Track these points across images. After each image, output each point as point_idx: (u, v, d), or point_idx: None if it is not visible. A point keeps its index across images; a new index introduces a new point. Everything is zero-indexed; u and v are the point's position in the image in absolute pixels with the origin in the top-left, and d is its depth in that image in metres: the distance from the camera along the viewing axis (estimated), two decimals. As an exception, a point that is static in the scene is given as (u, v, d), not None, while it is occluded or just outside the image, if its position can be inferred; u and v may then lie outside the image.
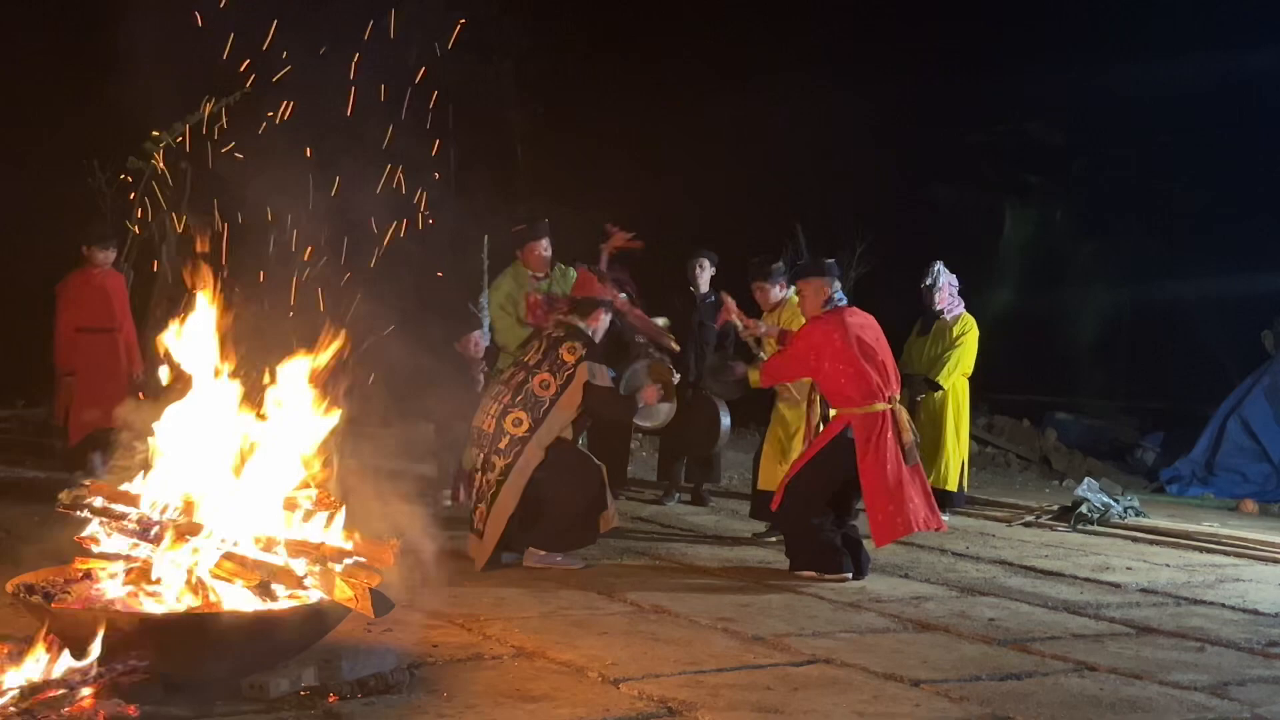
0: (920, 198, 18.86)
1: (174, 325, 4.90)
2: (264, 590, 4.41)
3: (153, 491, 4.64)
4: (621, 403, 7.49)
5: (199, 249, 7.74)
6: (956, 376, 9.75)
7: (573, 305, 7.39)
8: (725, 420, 9.75)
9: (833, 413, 7.25)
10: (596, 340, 7.27)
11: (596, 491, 7.09)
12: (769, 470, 8.18)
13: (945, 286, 9.81)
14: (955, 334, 9.75)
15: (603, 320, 7.34)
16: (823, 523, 7.01)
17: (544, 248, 9.19)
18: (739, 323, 8.20)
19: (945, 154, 18.86)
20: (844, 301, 7.29)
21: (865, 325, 7.17)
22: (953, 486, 9.76)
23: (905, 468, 6.94)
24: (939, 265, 9.88)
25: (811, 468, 7.07)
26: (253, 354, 4.99)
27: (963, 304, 9.87)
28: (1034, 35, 19.54)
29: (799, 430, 8.03)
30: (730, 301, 8.43)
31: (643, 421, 8.25)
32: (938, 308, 9.79)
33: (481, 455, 7.03)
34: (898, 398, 7.11)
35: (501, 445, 6.92)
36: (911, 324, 10.13)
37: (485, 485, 6.99)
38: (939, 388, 9.69)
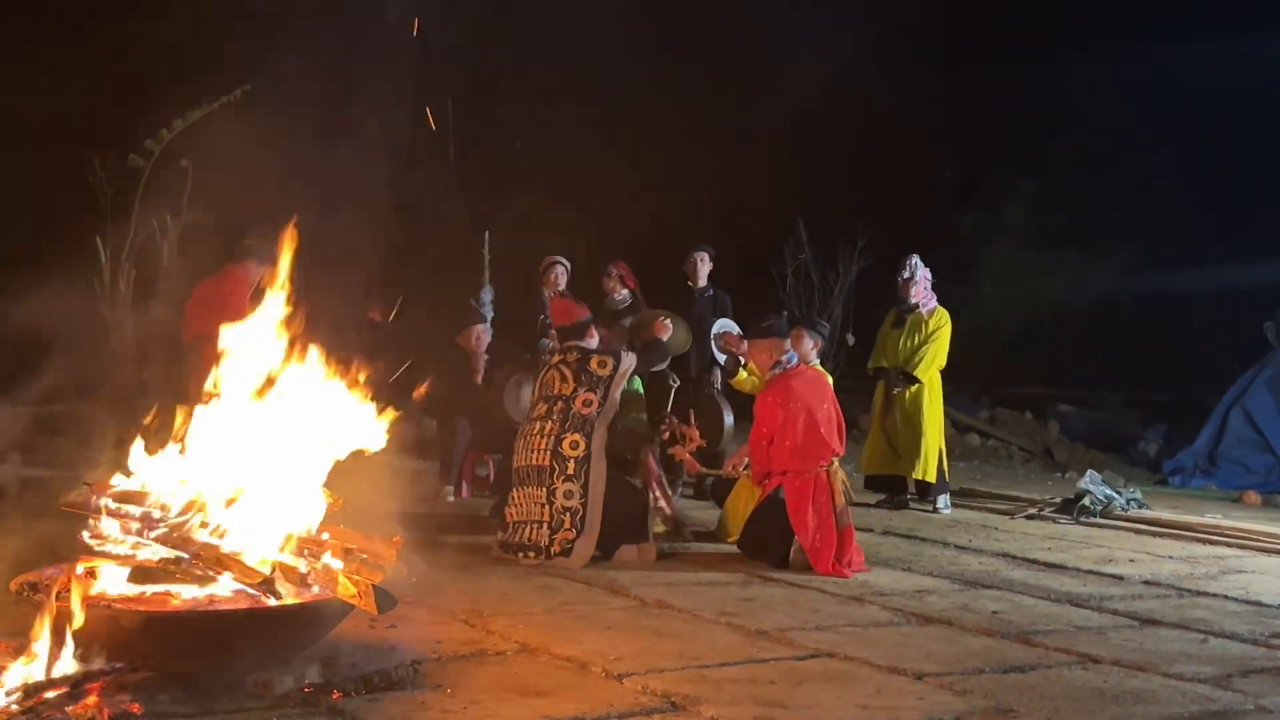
0: (921, 192, 18.86)
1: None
2: (267, 587, 4.41)
3: (156, 489, 4.64)
4: (654, 356, 7.95)
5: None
6: (933, 370, 9.80)
7: (565, 334, 7.60)
8: (728, 419, 9.78)
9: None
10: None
11: (638, 515, 7.25)
12: (735, 518, 7.91)
13: (922, 280, 9.90)
14: (931, 327, 9.82)
15: (595, 335, 7.68)
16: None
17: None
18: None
19: (946, 148, 18.85)
20: (795, 361, 7.46)
21: (811, 384, 7.33)
22: (931, 477, 9.80)
23: (839, 528, 7.06)
24: (915, 258, 9.97)
25: (752, 527, 7.39)
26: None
27: (935, 297, 9.93)
28: (1034, 30, 19.54)
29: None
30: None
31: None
32: (913, 300, 9.86)
33: (544, 489, 7.04)
34: (833, 463, 7.20)
35: (570, 470, 7.03)
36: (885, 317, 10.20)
37: (557, 512, 6.99)
38: (916, 381, 9.74)
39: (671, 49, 17.55)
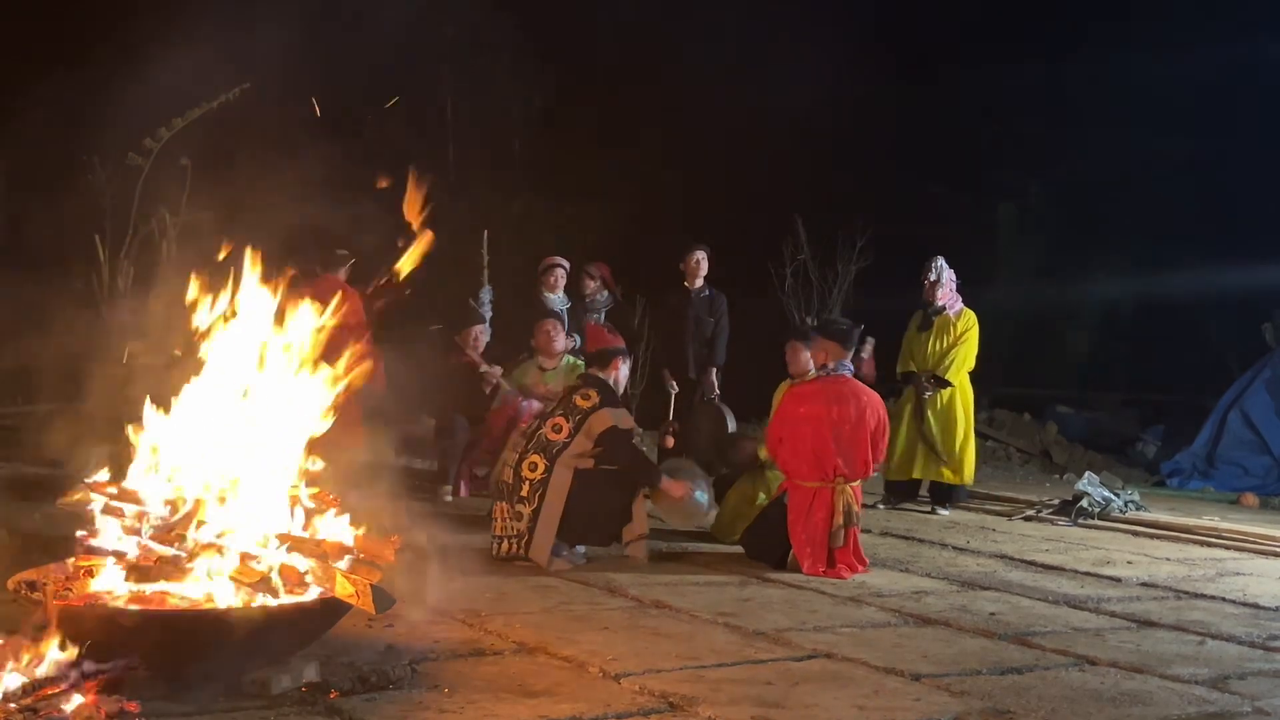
0: (920, 192, 18.85)
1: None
2: (265, 586, 4.41)
3: (154, 488, 4.64)
4: (643, 463, 7.47)
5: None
6: (963, 373, 9.76)
7: (590, 360, 7.55)
8: (731, 425, 9.78)
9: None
10: (619, 390, 7.44)
11: (621, 500, 7.17)
12: (729, 517, 7.95)
13: (947, 282, 9.82)
14: (960, 329, 9.74)
15: (621, 368, 7.48)
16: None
17: (554, 329, 9.35)
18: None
19: (945, 148, 18.84)
20: (844, 371, 7.34)
21: (849, 400, 7.19)
22: (965, 480, 9.77)
23: (830, 547, 7.04)
24: (941, 260, 9.86)
25: (757, 528, 7.41)
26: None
27: (961, 299, 9.87)
28: (1034, 29, 19.54)
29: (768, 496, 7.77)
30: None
31: (673, 518, 8.22)
32: (940, 303, 9.77)
33: (507, 505, 7.06)
34: (848, 481, 7.12)
35: (524, 493, 7.00)
36: (908, 319, 10.12)
37: (513, 530, 7.01)
38: (948, 384, 9.69)
39: (671, 48, 17.55)
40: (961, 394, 9.78)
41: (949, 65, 19.02)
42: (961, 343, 9.72)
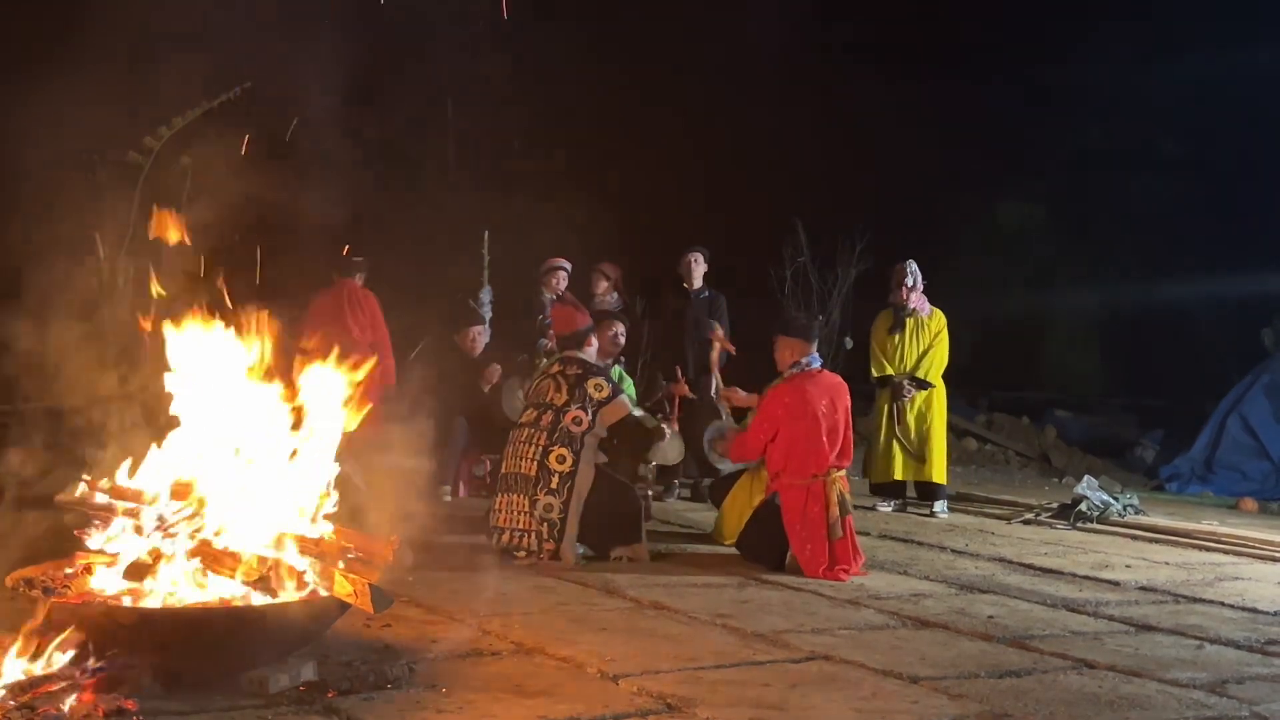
0: (919, 195, 18.85)
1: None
2: (263, 585, 4.41)
3: (153, 486, 4.64)
4: (647, 430, 7.70)
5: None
6: (939, 373, 9.86)
7: (564, 343, 7.61)
8: (727, 419, 9.78)
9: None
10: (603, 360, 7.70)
11: (630, 515, 7.24)
12: (731, 520, 7.89)
13: (920, 285, 9.92)
14: (934, 330, 9.85)
15: (594, 344, 7.67)
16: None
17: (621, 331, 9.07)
18: (718, 381, 8.46)
19: (944, 151, 18.84)
20: (815, 365, 7.42)
21: (827, 392, 7.29)
22: (942, 479, 9.83)
23: (830, 540, 7.05)
24: (914, 264, 9.98)
25: (751, 531, 7.41)
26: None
27: (927, 300, 9.99)
28: (1033, 32, 19.54)
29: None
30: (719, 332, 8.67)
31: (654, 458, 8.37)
32: (912, 306, 9.86)
33: (527, 499, 7.08)
34: (838, 471, 7.19)
35: (554, 484, 7.07)
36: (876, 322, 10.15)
37: (537, 523, 7.05)
38: (930, 385, 9.77)
39: (671, 51, 17.55)
40: (937, 394, 9.86)
41: (949, 67, 19.02)
42: (938, 343, 9.83)
